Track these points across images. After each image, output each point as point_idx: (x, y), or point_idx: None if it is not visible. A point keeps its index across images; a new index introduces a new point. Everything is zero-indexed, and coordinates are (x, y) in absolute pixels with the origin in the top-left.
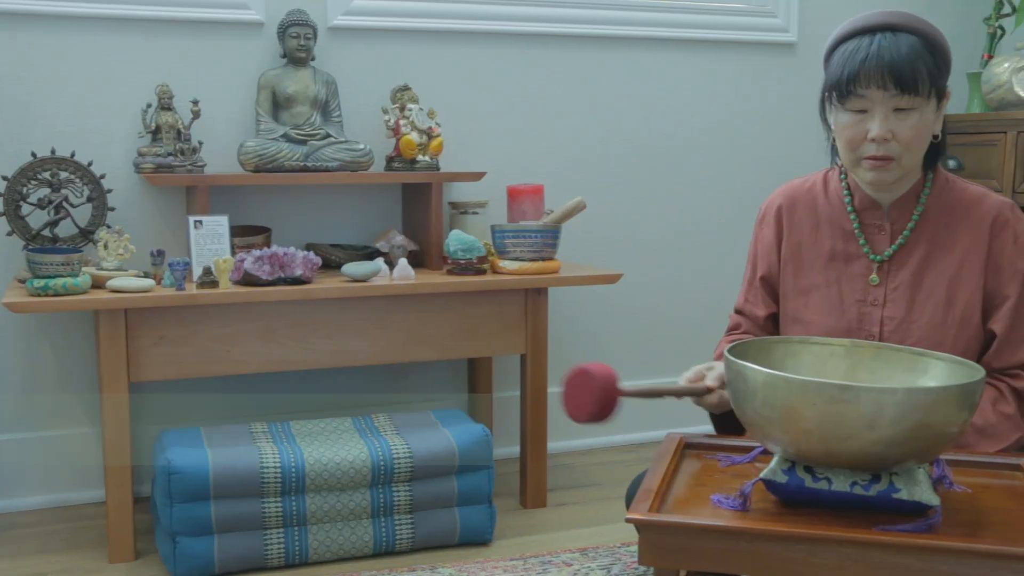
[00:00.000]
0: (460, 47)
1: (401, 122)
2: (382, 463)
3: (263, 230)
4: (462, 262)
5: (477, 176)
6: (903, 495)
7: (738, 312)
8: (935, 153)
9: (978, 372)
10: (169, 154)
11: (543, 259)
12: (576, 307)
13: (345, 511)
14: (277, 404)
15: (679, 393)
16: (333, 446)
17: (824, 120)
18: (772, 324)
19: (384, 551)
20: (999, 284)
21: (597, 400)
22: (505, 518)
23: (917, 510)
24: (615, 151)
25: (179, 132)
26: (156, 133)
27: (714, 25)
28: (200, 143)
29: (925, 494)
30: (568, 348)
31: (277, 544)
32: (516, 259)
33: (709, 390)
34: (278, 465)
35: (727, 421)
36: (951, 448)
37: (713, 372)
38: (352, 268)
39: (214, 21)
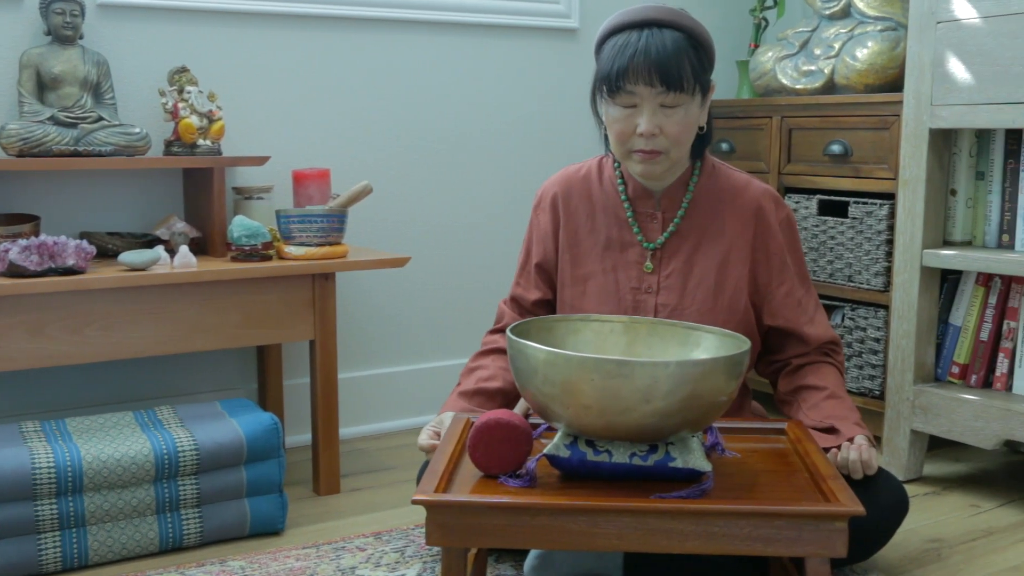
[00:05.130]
0: (240, 28)
1: (180, 105)
2: (166, 457)
3: (31, 218)
4: (246, 248)
5: (260, 160)
6: (678, 463)
7: (511, 299)
8: (702, 143)
9: (744, 343)
10: None
11: (330, 244)
12: (366, 291)
13: (128, 509)
14: (52, 401)
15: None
16: (113, 442)
17: (595, 112)
18: (542, 310)
19: (171, 548)
20: (770, 274)
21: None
22: (298, 506)
23: (691, 477)
24: (400, 135)
25: None
26: None
27: (496, 10)
28: None
29: (698, 461)
30: (359, 333)
31: (53, 548)
32: (302, 244)
33: None
34: (52, 465)
35: None
36: (747, 416)
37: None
38: (129, 256)
39: None
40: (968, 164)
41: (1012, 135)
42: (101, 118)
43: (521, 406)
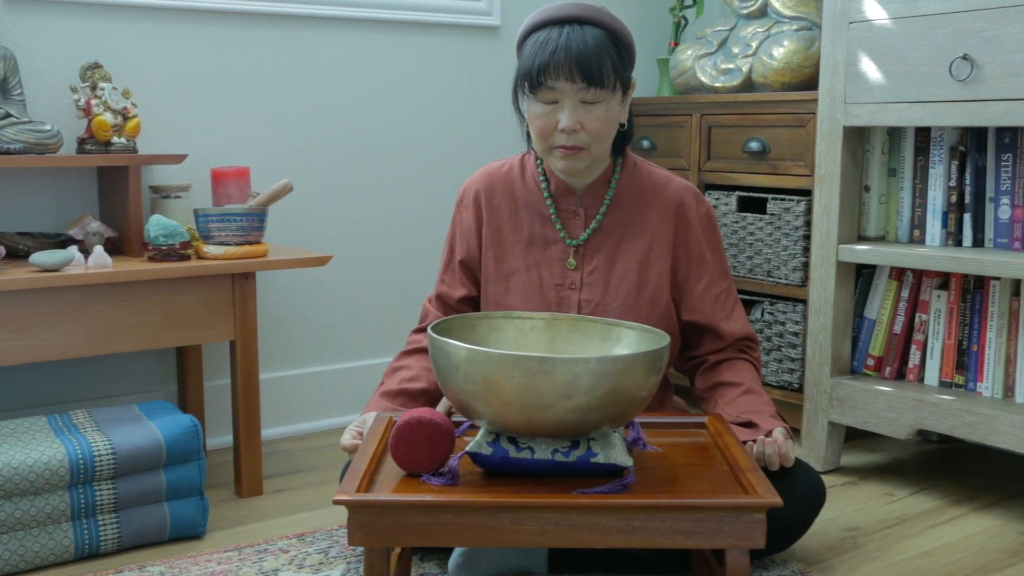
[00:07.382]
0: (156, 23)
1: (93, 102)
2: (81, 461)
3: None
4: (164, 248)
5: (178, 159)
6: (600, 459)
7: (436, 297)
8: (623, 140)
9: (664, 339)
10: None
11: (250, 243)
12: (287, 291)
13: (41, 516)
14: None
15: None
16: (25, 447)
17: (517, 109)
18: (467, 306)
19: (87, 555)
20: (689, 269)
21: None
22: (219, 509)
23: (613, 472)
24: (320, 132)
25: None
26: None
27: (418, 7)
28: None
29: (620, 456)
30: (280, 332)
31: None
32: (221, 243)
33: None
34: None
35: None
36: (674, 411)
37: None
38: (41, 257)
39: None
40: (881, 161)
41: (921, 133)
42: (9, 115)
43: (444, 404)
